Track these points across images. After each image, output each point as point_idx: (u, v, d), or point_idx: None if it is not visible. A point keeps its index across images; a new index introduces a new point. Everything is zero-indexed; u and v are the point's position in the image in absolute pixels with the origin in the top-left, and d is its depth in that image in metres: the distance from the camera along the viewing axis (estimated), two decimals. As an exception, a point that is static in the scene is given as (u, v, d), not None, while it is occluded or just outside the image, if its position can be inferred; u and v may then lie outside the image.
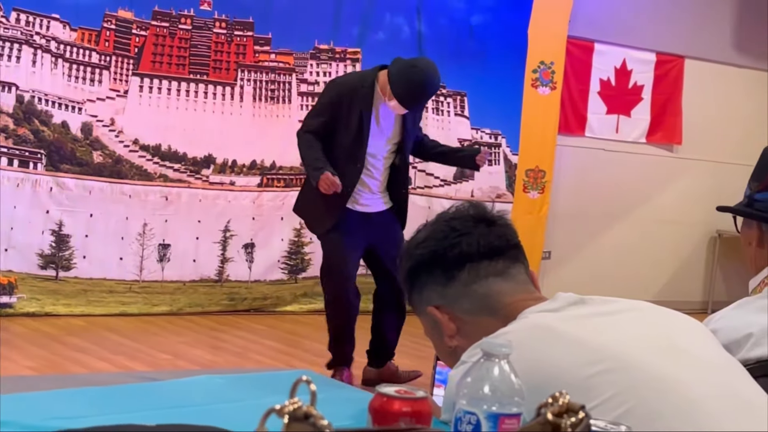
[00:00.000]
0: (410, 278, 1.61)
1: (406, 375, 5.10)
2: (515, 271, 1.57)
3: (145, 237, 6.49)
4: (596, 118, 8.05)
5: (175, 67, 6.53)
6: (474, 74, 7.42)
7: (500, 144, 7.64)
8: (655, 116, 8.30)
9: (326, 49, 6.98)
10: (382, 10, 7.15)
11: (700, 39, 8.38)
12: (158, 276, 6.55)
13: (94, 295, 6.34)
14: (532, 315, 1.49)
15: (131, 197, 6.43)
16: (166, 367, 5.09)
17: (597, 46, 7.95)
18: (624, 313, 1.52)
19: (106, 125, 6.34)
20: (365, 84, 4.79)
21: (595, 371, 1.36)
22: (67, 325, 5.95)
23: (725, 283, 8.67)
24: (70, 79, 6.20)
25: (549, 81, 7.56)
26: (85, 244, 6.30)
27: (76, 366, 5.00)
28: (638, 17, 8.07)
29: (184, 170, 6.57)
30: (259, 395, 1.66)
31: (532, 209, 7.60)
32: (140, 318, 6.33)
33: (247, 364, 5.38)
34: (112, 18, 6.30)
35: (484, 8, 7.44)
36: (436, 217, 1.64)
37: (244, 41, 6.68)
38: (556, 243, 7.91)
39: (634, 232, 8.35)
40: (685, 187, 8.53)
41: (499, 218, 1.61)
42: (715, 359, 1.48)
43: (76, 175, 6.24)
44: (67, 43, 6.18)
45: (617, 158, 8.18)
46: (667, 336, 1.47)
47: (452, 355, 1.55)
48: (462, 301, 1.55)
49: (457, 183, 7.50)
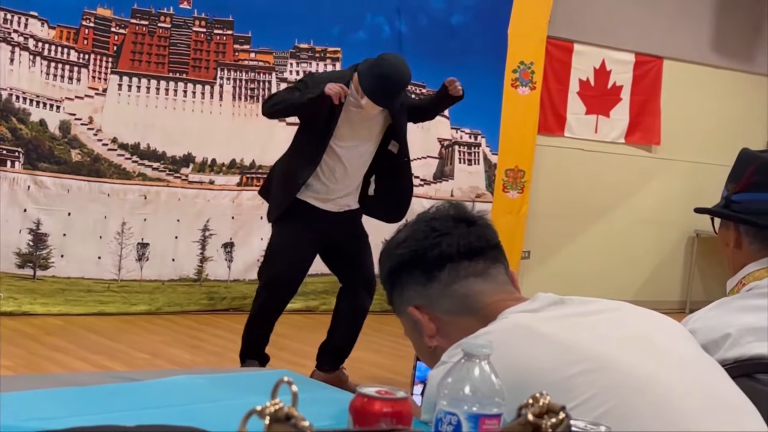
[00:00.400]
0: (390, 278, 1.61)
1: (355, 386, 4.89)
2: (495, 271, 1.58)
3: (124, 236, 6.46)
4: (575, 118, 8.08)
5: (155, 66, 6.51)
6: (454, 74, 7.32)
7: (480, 144, 7.65)
8: (633, 116, 8.34)
9: (306, 48, 6.98)
10: (363, 9, 7.15)
11: (678, 40, 8.43)
12: (137, 275, 6.52)
13: (72, 295, 6.30)
14: (512, 315, 1.49)
15: (110, 196, 6.40)
16: (145, 366, 5.07)
17: (576, 47, 7.98)
18: (603, 314, 1.53)
19: (84, 123, 6.31)
20: (344, 76, 4.74)
21: (575, 371, 1.36)
22: (45, 324, 5.92)
23: (703, 283, 8.72)
24: (48, 77, 6.17)
25: (528, 81, 7.59)
26: (63, 243, 6.27)
27: (54, 366, 4.98)
28: (617, 18, 8.10)
29: (163, 169, 6.55)
30: (239, 395, 1.66)
31: (512, 209, 7.63)
32: (119, 317, 6.30)
33: (226, 363, 5.37)
34: (91, 16, 6.27)
35: (465, 8, 7.46)
36: (417, 217, 1.64)
37: (224, 40, 6.66)
38: (536, 243, 7.93)
39: (613, 232, 8.39)
40: (663, 188, 8.58)
41: (480, 218, 1.61)
42: (693, 359, 1.49)
43: (54, 173, 6.21)
44: (46, 40, 6.15)
45: (596, 158, 8.21)
46: (646, 336, 1.48)
47: (432, 355, 1.55)
48: (442, 301, 1.55)
49: (436, 182, 7.51)
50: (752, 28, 8.82)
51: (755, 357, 1.75)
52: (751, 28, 8.81)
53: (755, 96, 8.96)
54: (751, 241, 1.94)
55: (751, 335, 1.77)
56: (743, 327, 1.79)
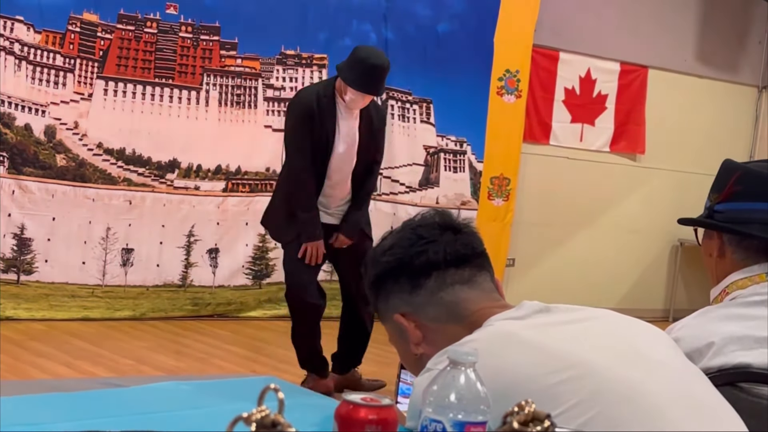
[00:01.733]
0: (376, 286, 1.61)
1: (369, 384, 5.08)
2: (481, 279, 1.58)
3: (109, 241, 6.44)
4: (561, 126, 8.11)
5: (141, 71, 6.50)
6: (440, 81, 7.45)
7: (465, 151, 7.67)
8: (618, 125, 8.37)
9: (293, 55, 6.98)
10: (349, 16, 7.15)
11: (663, 50, 8.47)
12: (121, 280, 6.50)
13: (56, 300, 6.28)
14: (498, 323, 1.50)
15: (95, 201, 6.38)
16: (129, 372, 5.05)
17: (562, 56, 8.01)
18: (588, 321, 1.53)
19: (69, 128, 6.29)
20: (327, 93, 4.74)
21: (560, 379, 1.37)
22: (29, 329, 5.89)
23: (687, 292, 8.75)
24: (34, 81, 6.15)
25: (514, 89, 7.61)
26: (47, 248, 6.25)
27: (38, 371, 4.95)
28: (603, 27, 8.14)
29: (149, 174, 6.53)
30: (224, 402, 1.65)
31: (497, 216, 7.64)
32: (103, 323, 6.28)
33: (211, 369, 5.36)
34: (77, 21, 6.25)
35: (451, 16, 7.47)
36: (402, 224, 1.64)
37: (210, 46, 6.66)
38: (521, 250, 7.95)
39: (598, 240, 8.41)
40: (647, 196, 8.61)
41: (465, 226, 1.62)
42: (677, 367, 1.50)
43: (39, 178, 6.19)
44: (31, 45, 6.13)
45: (581, 167, 8.24)
46: (631, 344, 1.49)
47: (418, 362, 1.55)
48: (428, 308, 1.55)
49: (422, 190, 7.52)
50: (736, 38, 8.88)
51: (739, 366, 1.76)
52: (735, 38, 8.87)
53: (739, 106, 9.01)
54: (735, 251, 1.95)
55: (734, 344, 1.78)
56: (727, 336, 1.80)
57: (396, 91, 7.36)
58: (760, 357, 1.76)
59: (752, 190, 1.93)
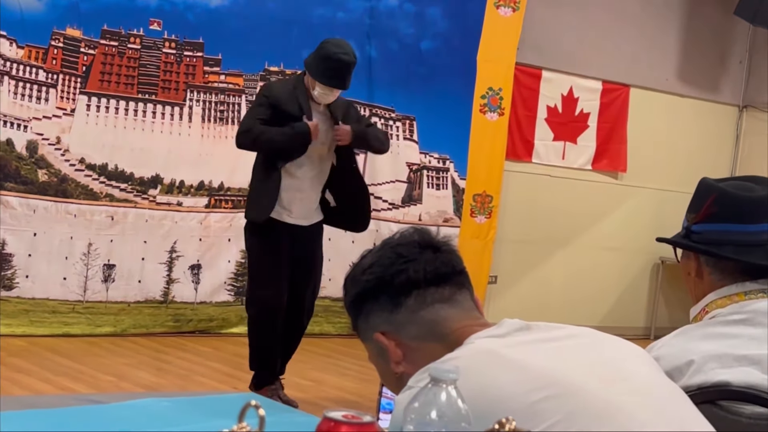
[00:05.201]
0: (356, 305, 1.61)
1: (284, 398, 4.93)
2: (461, 297, 1.58)
3: (90, 257, 6.41)
4: (543, 144, 8.14)
5: (124, 87, 6.49)
6: (423, 99, 7.48)
7: (448, 168, 7.69)
8: (600, 143, 8.41)
9: (276, 71, 6.99)
10: (333, 33, 7.12)
11: (644, 68, 8.53)
12: (102, 296, 6.48)
13: (36, 315, 6.25)
14: (479, 341, 1.50)
15: (76, 217, 6.36)
16: (110, 389, 5.03)
17: (544, 74, 8.05)
18: (568, 340, 1.54)
19: (52, 144, 6.28)
20: (297, 86, 4.84)
21: (541, 397, 1.37)
22: (8, 345, 5.85)
23: (668, 309, 8.78)
24: (16, 96, 6.14)
25: (497, 107, 7.64)
26: (28, 264, 6.22)
27: (17, 387, 4.92)
28: (585, 46, 8.19)
29: (131, 190, 6.52)
30: (205, 419, 1.65)
31: (479, 234, 7.66)
32: (84, 339, 6.25)
33: (192, 386, 5.34)
34: (60, 36, 6.25)
35: (434, 34, 7.51)
36: (382, 243, 1.64)
37: (194, 62, 6.66)
38: (503, 268, 7.96)
39: (580, 258, 8.44)
40: (629, 214, 8.65)
41: (444, 244, 1.62)
42: (657, 386, 1.51)
43: (21, 193, 6.16)
44: (14, 60, 6.12)
45: (563, 184, 8.27)
46: (611, 362, 1.49)
47: (398, 381, 1.55)
48: (409, 327, 1.55)
49: (405, 207, 7.53)
50: (718, 58, 8.95)
51: (718, 384, 1.77)
52: (716, 58, 8.94)
53: (720, 125, 9.08)
54: (712, 271, 1.96)
55: (714, 362, 1.80)
56: (707, 354, 1.81)
57: (379, 108, 7.38)
58: (740, 375, 1.77)
59: (728, 212, 1.94)
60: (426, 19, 7.47)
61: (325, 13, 7.10)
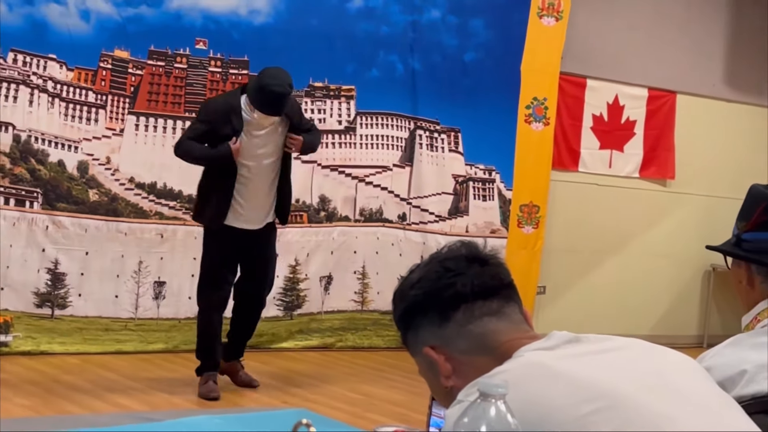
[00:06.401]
0: (405, 319, 1.62)
1: (245, 376, 5.63)
2: (509, 310, 1.58)
3: (141, 274, 6.49)
4: (589, 153, 8.10)
5: (171, 106, 6.57)
6: (468, 110, 7.47)
7: (494, 179, 7.67)
8: (647, 151, 8.35)
9: (321, 87, 7.03)
10: (376, 47, 7.21)
11: (691, 74, 8.46)
12: (154, 313, 6.55)
13: (89, 333, 6.33)
14: (528, 353, 1.50)
15: (127, 235, 6.44)
16: (163, 405, 5.07)
17: (589, 82, 8.02)
18: (618, 351, 1.53)
19: (102, 164, 6.37)
20: (234, 102, 5.31)
21: (591, 410, 1.37)
22: (63, 363, 5.94)
23: (720, 317, 8.68)
24: (67, 118, 6.24)
25: (542, 117, 7.62)
26: (81, 282, 6.31)
27: (72, 405, 4.99)
28: (630, 53, 8.14)
29: (180, 207, 6.59)
30: (257, 435, 1.67)
31: (527, 244, 7.63)
32: (136, 356, 6.31)
33: (243, 402, 5.37)
34: (109, 57, 6.34)
35: (477, 45, 7.51)
36: (429, 257, 1.65)
37: (240, 79, 6.72)
38: (551, 278, 7.92)
39: (629, 266, 8.37)
40: (678, 222, 8.56)
41: (492, 257, 1.62)
42: (709, 397, 1.50)
43: (72, 213, 6.26)
44: (64, 82, 6.23)
45: (610, 193, 8.22)
46: (661, 374, 1.48)
47: (448, 395, 1.55)
48: (458, 341, 1.56)
49: (451, 219, 7.53)
50: (764, 61, 8.84)
51: (772, 393, 1.75)
52: (763, 61, 8.83)
53: (768, 129, 8.96)
54: (763, 280, 1.94)
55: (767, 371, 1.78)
56: (759, 363, 1.79)
57: (424, 120, 7.39)
58: (794, 384, 1.75)
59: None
60: (469, 30, 7.47)
61: (368, 27, 7.14)
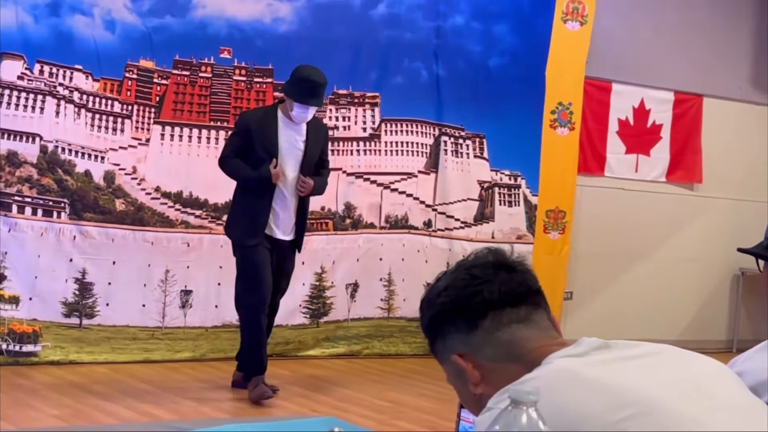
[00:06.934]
0: (432, 327, 1.61)
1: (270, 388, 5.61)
2: (538, 317, 1.57)
3: (168, 283, 6.52)
4: (615, 157, 8.06)
5: (196, 115, 6.60)
6: (492, 116, 7.46)
7: (520, 185, 7.65)
8: (674, 155, 8.30)
9: (345, 94, 7.04)
10: (401, 54, 7.21)
11: (717, 77, 8.40)
12: (181, 322, 6.57)
13: (117, 343, 6.36)
14: (557, 360, 1.49)
15: (153, 244, 6.47)
16: (191, 414, 5.09)
17: (615, 86, 7.98)
18: (648, 357, 1.52)
19: (128, 173, 6.41)
20: (269, 111, 5.51)
21: (622, 416, 1.36)
22: (91, 372, 5.97)
23: (750, 322, 8.60)
24: (93, 128, 6.28)
25: (567, 122, 7.59)
26: (108, 292, 6.34)
27: (102, 414, 5.01)
28: (655, 57, 8.10)
29: (206, 216, 6.61)
30: (286, 444, 1.66)
31: (553, 250, 7.60)
32: (164, 364, 6.34)
33: (271, 410, 5.38)
34: (134, 68, 6.38)
35: (502, 50, 7.49)
36: (456, 264, 1.64)
37: (264, 88, 6.74)
38: (578, 283, 7.89)
39: (656, 271, 8.31)
40: (706, 226, 8.50)
41: (519, 264, 1.62)
42: (741, 403, 1.48)
43: (99, 223, 6.30)
44: (90, 93, 6.27)
45: (637, 198, 8.17)
46: (692, 380, 1.47)
47: (477, 402, 1.54)
48: (486, 348, 1.55)
49: (477, 225, 7.51)
50: (792, 63, 8.77)
51: (805, 398, 1.73)
52: (790, 63, 8.76)
53: (797, 132, 8.89)
54: (795, 283, 1.93)
55: (799, 376, 1.76)
56: (791, 368, 1.78)
57: (449, 127, 7.38)
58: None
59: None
60: (493, 36, 7.46)
61: (392, 34, 7.14)
